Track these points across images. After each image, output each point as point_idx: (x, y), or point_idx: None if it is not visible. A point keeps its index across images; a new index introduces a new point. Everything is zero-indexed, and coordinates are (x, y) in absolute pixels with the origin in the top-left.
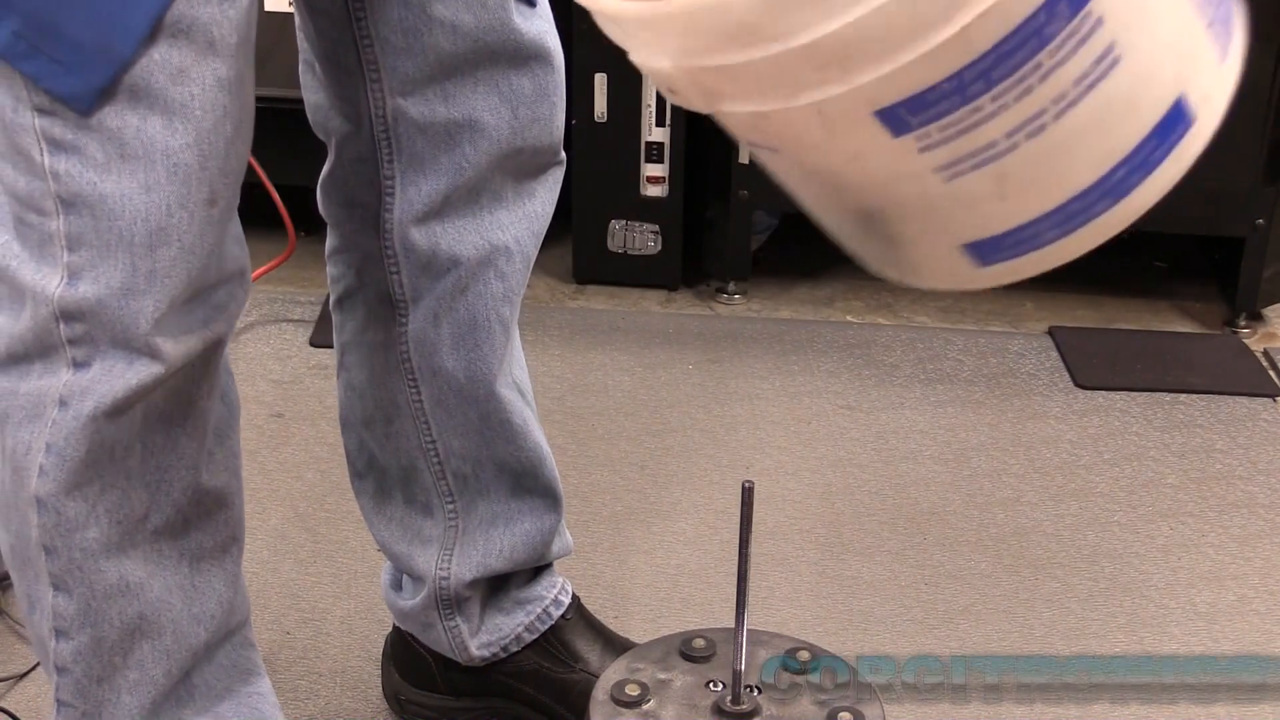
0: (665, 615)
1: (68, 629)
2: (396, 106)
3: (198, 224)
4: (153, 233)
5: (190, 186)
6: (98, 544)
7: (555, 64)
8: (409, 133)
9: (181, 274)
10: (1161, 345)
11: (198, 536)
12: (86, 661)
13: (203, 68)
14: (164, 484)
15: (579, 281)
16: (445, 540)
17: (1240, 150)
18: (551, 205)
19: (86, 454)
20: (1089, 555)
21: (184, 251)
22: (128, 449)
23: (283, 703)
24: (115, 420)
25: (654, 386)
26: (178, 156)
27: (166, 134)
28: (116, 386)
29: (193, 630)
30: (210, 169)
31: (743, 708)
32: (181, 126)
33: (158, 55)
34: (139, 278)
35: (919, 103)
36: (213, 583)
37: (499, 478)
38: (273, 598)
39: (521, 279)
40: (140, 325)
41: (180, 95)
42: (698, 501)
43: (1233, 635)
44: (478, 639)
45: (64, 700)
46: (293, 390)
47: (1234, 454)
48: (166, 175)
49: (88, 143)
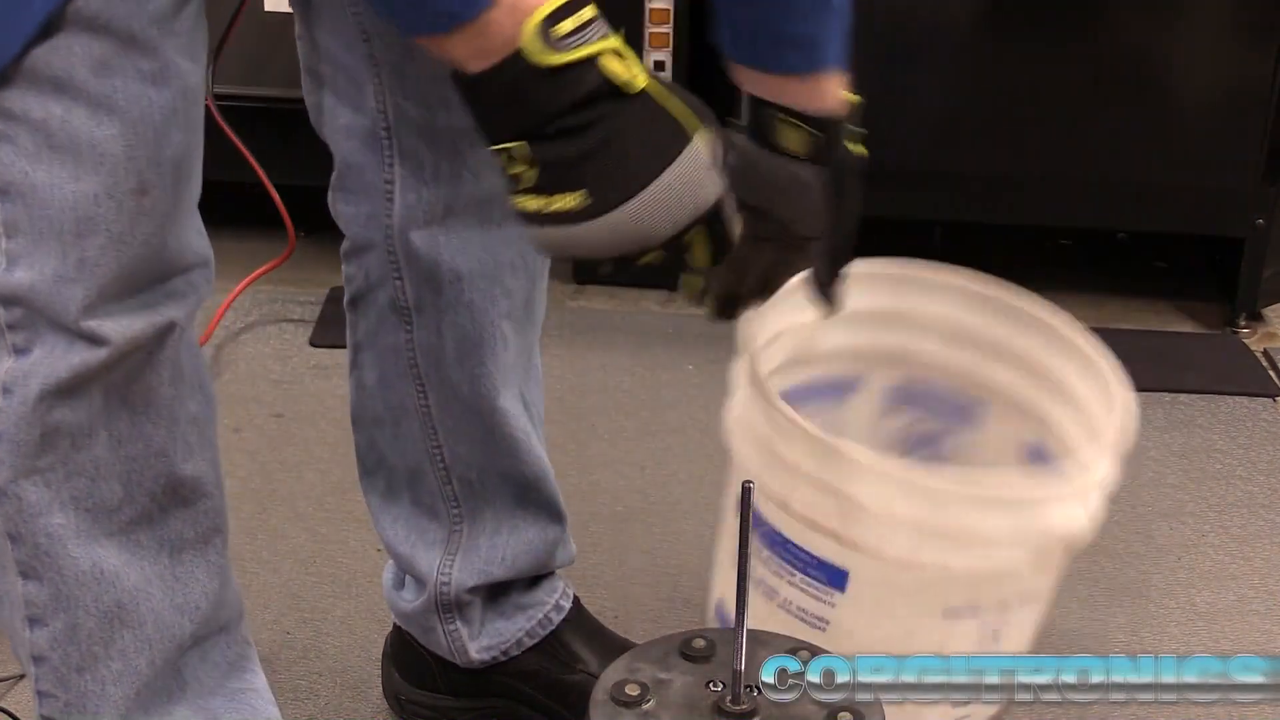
0: (665, 615)
1: (42, 615)
2: (398, 107)
3: (127, 214)
4: (80, 221)
5: (117, 177)
6: (64, 530)
7: None
8: (410, 136)
9: (111, 262)
10: (1161, 345)
11: (177, 526)
12: (64, 649)
13: (124, 61)
14: (135, 473)
15: (579, 281)
16: (449, 544)
17: (1240, 150)
18: None
19: (40, 438)
20: (1089, 555)
21: (113, 240)
22: (89, 435)
23: (283, 703)
24: (65, 403)
25: (654, 386)
26: (103, 147)
27: (91, 125)
28: (59, 368)
29: (176, 620)
30: (138, 159)
31: (743, 708)
32: (106, 118)
33: (79, 48)
34: (69, 265)
35: None
36: (195, 573)
37: (503, 486)
38: (273, 598)
39: (528, 294)
40: (71, 311)
41: (103, 87)
42: (698, 501)
43: (1233, 635)
44: (477, 643)
45: (44, 690)
46: (293, 390)
47: (1234, 454)
48: (93, 165)
49: (19, 132)
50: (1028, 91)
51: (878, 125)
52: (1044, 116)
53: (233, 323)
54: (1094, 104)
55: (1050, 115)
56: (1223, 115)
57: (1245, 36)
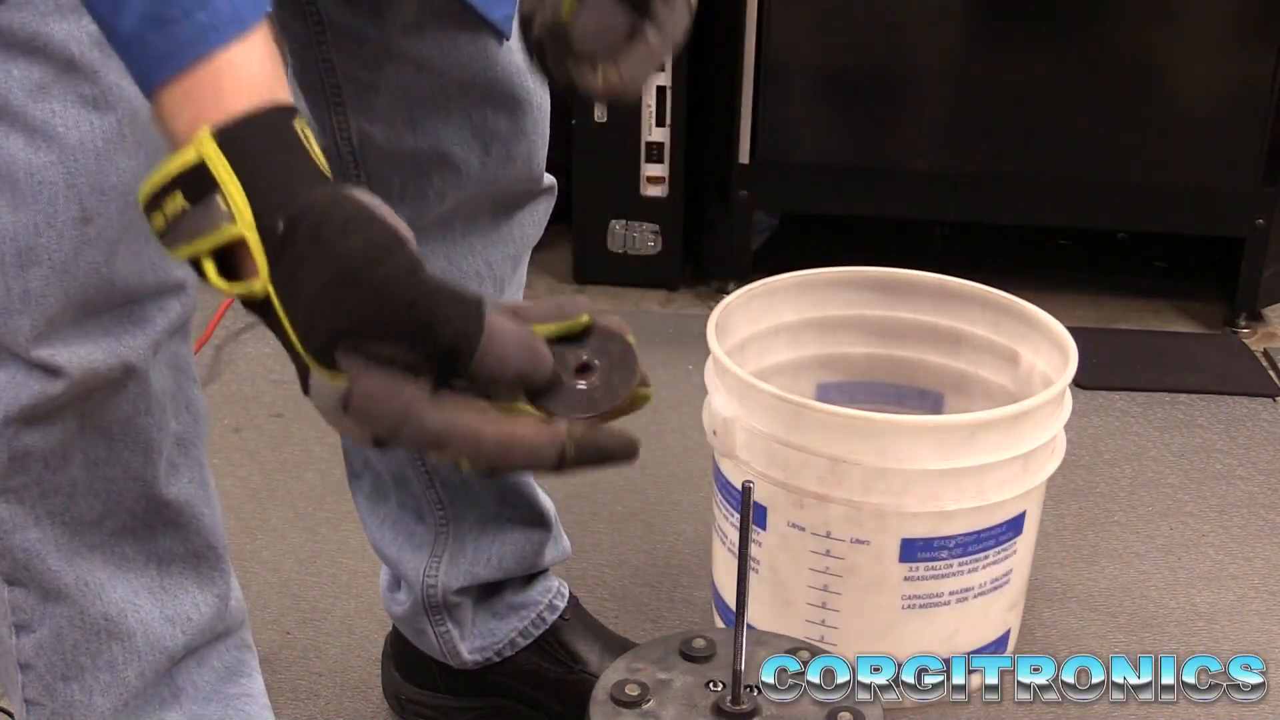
0: (665, 615)
1: (28, 621)
2: (362, 130)
3: (69, 243)
4: (22, 252)
5: (57, 205)
6: (42, 544)
7: (535, 101)
8: (375, 158)
9: (57, 293)
10: (1161, 345)
11: (165, 543)
12: (49, 657)
13: (63, 85)
14: (114, 494)
15: (579, 281)
16: (435, 547)
17: (1240, 150)
18: (536, 229)
19: (9, 460)
20: (1089, 555)
21: (56, 271)
22: (64, 458)
23: (283, 703)
24: (34, 429)
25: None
26: (42, 175)
27: (29, 151)
28: (22, 395)
29: (167, 632)
30: (79, 187)
31: (743, 708)
32: (44, 144)
33: (16, 72)
34: (13, 298)
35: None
36: (185, 585)
37: (484, 491)
38: (273, 598)
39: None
40: (20, 342)
41: (41, 113)
42: (698, 501)
43: (1233, 635)
44: (469, 643)
45: (31, 699)
46: (293, 390)
47: (1234, 454)
48: (31, 194)
49: None
50: (1028, 91)
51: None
52: (1044, 116)
53: (233, 323)
54: (1094, 104)
55: (1050, 115)
56: (1223, 115)
57: (1245, 36)
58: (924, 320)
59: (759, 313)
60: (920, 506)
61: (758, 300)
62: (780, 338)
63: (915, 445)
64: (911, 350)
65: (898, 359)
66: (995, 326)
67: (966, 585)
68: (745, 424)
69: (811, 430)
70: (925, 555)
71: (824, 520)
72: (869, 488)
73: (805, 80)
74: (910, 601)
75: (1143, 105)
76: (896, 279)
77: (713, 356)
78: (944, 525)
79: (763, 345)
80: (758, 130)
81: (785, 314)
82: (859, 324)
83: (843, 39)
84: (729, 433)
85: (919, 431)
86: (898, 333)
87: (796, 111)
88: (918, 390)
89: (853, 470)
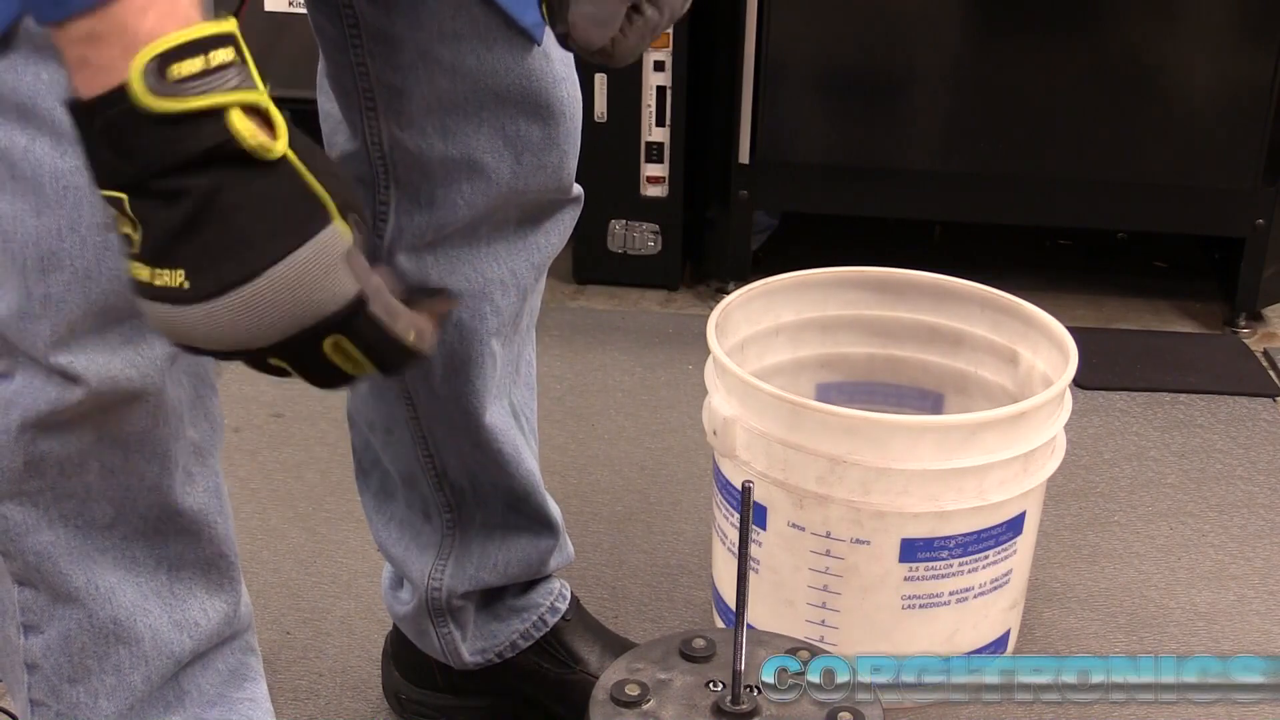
0: (665, 615)
1: (38, 622)
2: (393, 136)
3: (92, 249)
4: (44, 257)
5: (81, 210)
6: (55, 547)
7: (569, 112)
8: (405, 163)
9: (78, 299)
10: (1161, 345)
11: (177, 549)
12: (56, 658)
13: None
14: (129, 501)
15: (579, 281)
16: (442, 549)
17: (1240, 150)
18: (560, 239)
19: (25, 465)
20: (1089, 555)
21: (78, 276)
22: (79, 465)
23: (283, 703)
24: (50, 436)
25: (654, 386)
26: (67, 179)
27: (55, 155)
28: (40, 401)
29: (175, 638)
30: None
31: (743, 708)
32: (71, 148)
33: (45, 75)
34: (34, 303)
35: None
36: (195, 591)
37: (494, 495)
38: (273, 598)
39: (518, 310)
40: (39, 347)
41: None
42: (698, 501)
43: (1233, 635)
44: (470, 645)
45: (37, 700)
46: (293, 390)
47: (1234, 454)
48: (56, 198)
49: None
50: (1028, 91)
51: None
52: (1044, 116)
53: None
54: (1094, 104)
55: (1050, 115)
56: (1223, 115)
57: (1245, 36)
58: (924, 320)
59: (759, 313)
60: (920, 506)
61: (757, 300)
62: (780, 338)
63: (915, 445)
64: (911, 350)
65: (897, 359)
66: (995, 326)
67: (966, 585)
68: (745, 424)
69: (811, 430)
70: (925, 555)
71: (824, 520)
72: (869, 488)
73: (805, 80)
74: (910, 601)
75: (1143, 105)
76: (896, 279)
77: (713, 356)
78: (944, 525)
79: (762, 345)
80: (758, 130)
81: (785, 314)
82: (859, 324)
83: (843, 39)
84: (729, 433)
85: (919, 431)
86: (897, 333)
87: (796, 111)
88: (918, 390)
89: (852, 470)
